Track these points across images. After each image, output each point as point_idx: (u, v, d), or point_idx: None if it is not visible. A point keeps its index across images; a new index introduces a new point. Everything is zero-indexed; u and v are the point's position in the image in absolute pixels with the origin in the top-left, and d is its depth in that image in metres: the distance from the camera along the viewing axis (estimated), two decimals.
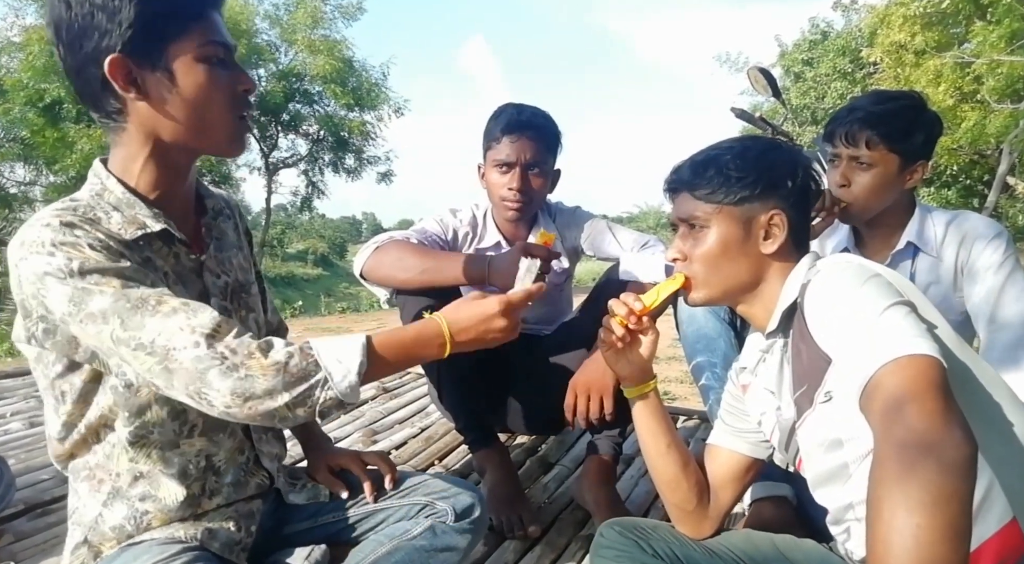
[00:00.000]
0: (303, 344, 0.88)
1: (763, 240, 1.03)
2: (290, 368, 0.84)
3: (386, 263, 1.60)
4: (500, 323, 0.99)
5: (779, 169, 1.04)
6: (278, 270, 23.82)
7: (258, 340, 0.86)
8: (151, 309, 0.83)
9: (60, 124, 13.28)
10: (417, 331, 0.97)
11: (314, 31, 15.79)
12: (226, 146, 0.96)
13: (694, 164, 1.07)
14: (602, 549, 1.12)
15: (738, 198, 1.02)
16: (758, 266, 1.05)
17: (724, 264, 1.04)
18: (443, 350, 0.97)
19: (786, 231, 1.03)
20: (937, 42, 7.88)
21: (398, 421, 2.41)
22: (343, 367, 0.87)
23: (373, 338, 0.92)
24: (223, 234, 1.10)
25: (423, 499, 1.14)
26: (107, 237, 0.88)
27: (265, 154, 17.26)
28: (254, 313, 1.12)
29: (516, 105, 1.77)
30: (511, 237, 1.83)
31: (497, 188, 1.73)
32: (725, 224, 1.03)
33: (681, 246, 1.08)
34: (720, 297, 1.07)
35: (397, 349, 0.94)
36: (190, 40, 0.89)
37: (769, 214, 1.02)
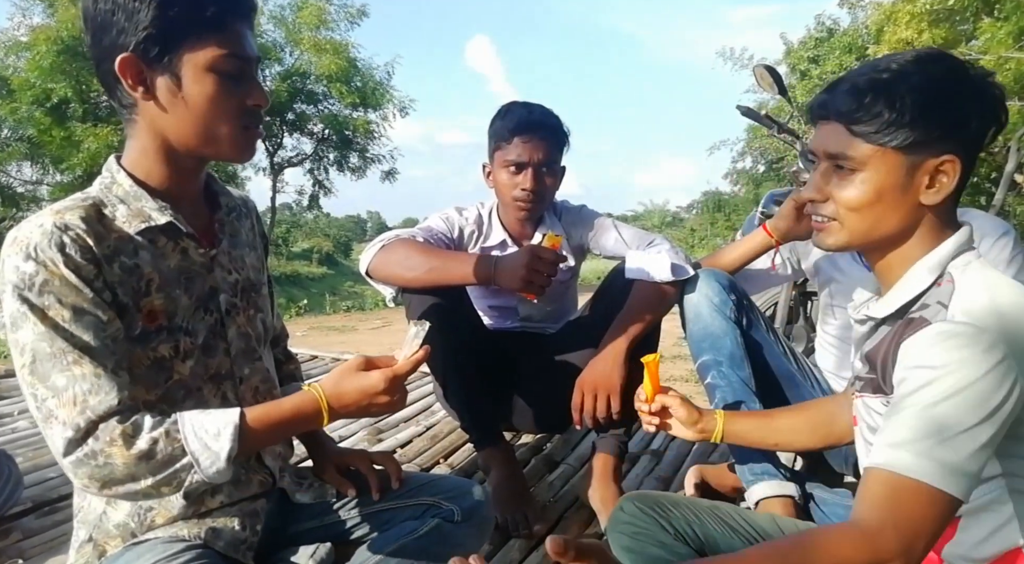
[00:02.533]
0: (171, 426, 0.87)
1: (925, 188, 0.87)
2: (155, 455, 0.85)
3: (392, 261, 1.60)
4: (383, 399, 0.96)
5: (967, 107, 0.85)
6: (283, 269, 23.86)
7: (124, 424, 0.85)
8: (64, 365, 0.84)
9: (67, 123, 13.33)
10: (294, 406, 0.95)
11: (319, 32, 15.80)
12: (232, 155, 0.97)
13: (857, 89, 0.87)
14: (621, 524, 1.10)
15: (910, 140, 0.85)
16: (912, 217, 0.89)
17: (873, 213, 0.89)
18: (321, 423, 0.96)
19: (957, 180, 0.86)
20: (944, 39, 7.83)
21: (403, 419, 2.41)
22: (211, 453, 0.87)
23: (248, 415, 0.91)
24: (237, 231, 1.10)
25: (429, 498, 1.14)
26: (97, 243, 0.88)
27: (270, 153, 17.28)
28: (262, 313, 1.12)
29: (524, 104, 1.76)
30: (517, 235, 1.82)
31: (508, 188, 1.73)
32: (884, 169, 0.87)
33: (821, 184, 0.92)
34: (858, 246, 0.94)
35: (272, 426, 0.93)
36: (204, 50, 0.89)
37: (941, 160, 0.85)
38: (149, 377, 0.94)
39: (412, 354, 1.00)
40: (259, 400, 1.08)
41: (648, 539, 1.07)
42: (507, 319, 1.92)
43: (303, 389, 0.97)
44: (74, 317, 0.85)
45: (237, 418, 0.89)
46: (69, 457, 0.84)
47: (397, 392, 0.98)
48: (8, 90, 13.39)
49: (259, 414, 0.92)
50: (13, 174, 15.23)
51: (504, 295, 1.85)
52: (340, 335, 8.18)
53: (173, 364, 0.96)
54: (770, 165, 18.45)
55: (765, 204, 3.04)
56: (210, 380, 1.00)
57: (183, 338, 0.97)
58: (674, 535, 1.07)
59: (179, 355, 0.96)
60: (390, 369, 0.97)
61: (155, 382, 0.94)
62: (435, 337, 1.57)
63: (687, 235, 27.53)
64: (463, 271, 1.52)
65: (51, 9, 13.80)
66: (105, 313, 0.87)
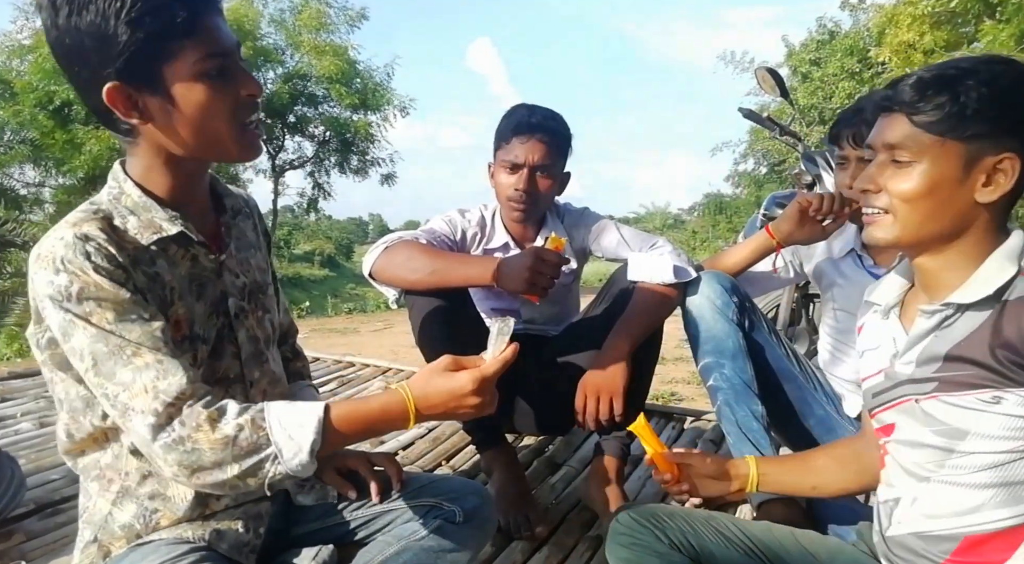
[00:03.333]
0: (256, 414, 0.87)
1: (982, 186, 0.87)
2: (239, 442, 0.85)
3: (395, 264, 1.60)
4: (473, 400, 0.93)
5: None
6: (285, 271, 23.89)
7: (210, 409, 0.85)
8: (125, 359, 0.85)
9: (69, 126, 13.36)
10: (381, 405, 0.93)
11: (319, 35, 15.85)
12: (239, 154, 0.96)
13: (922, 82, 0.88)
14: (617, 536, 1.10)
15: (970, 133, 0.86)
16: (966, 215, 0.89)
17: (927, 207, 0.89)
18: (407, 425, 0.94)
19: (1015, 180, 0.86)
20: (946, 41, 7.83)
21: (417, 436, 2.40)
22: (294, 444, 0.86)
23: (332, 410, 0.89)
24: (242, 234, 1.11)
25: (431, 500, 1.14)
26: (119, 251, 0.88)
27: (271, 156, 17.31)
28: (270, 314, 1.12)
29: (528, 106, 1.77)
30: (519, 238, 1.83)
31: (504, 188, 1.74)
32: (943, 161, 0.87)
33: (877, 176, 0.93)
34: (909, 243, 0.94)
35: (357, 423, 0.91)
36: (185, 59, 0.87)
37: (1000, 156, 0.86)
38: None
39: (500, 353, 0.97)
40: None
41: (644, 550, 1.08)
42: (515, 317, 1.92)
43: (390, 388, 0.95)
44: (117, 317, 0.85)
45: (322, 411, 0.88)
46: (157, 442, 0.84)
47: (487, 393, 0.95)
48: (11, 93, 13.44)
49: (345, 411, 0.90)
50: (16, 176, 15.25)
51: (506, 297, 1.85)
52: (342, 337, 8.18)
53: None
54: (772, 167, 18.45)
55: (767, 206, 3.04)
56: (217, 383, 1.00)
57: (200, 347, 0.97)
58: (669, 545, 1.07)
59: (196, 364, 0.96)
60: (478, 370, 0.94)
61: None
62: (438, 341, 1.60)
63: (688, 237, 27.50)
64: (466, 273, 1.52)
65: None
66: (146, 310, 0.88)
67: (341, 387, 2.85)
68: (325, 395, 2.72)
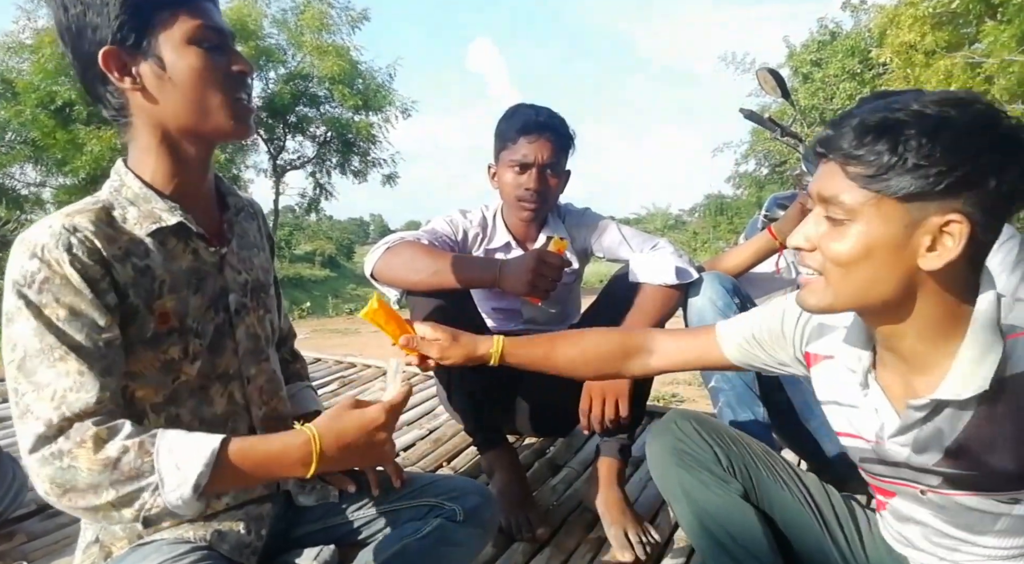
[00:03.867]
0: (147, 438, 0.82)
1: (925, 251, 0.75)
2: (121, 465, 0.80)
3: (397, 264, 1.60)
4: (382, 436, 0.92)
5: (986, 160, 0.72)
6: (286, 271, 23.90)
7: (100, 427, 0.81)
8: (50, 361, 0.83)
9: (71, 126, 13.37)
10: (283, 444, 0.87)
11: (321, 36, 15.86)
12: (230, 126, 0.96)
13: (864, 126, 0.76)
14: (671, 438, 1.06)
15: (911, 191, 0.73)
16: (909, 283, 0.78)
17: (864, 273, 0.79)
18: (307, 469, 0.87)
19: (963, 245, 0.74)
20: (947, 42, 7.82)
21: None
22: (180, 475, 0.81)
23: (231, 444, 0.84)
24: (245, 232, 1.11)
25: (432, 500, 1.14)
26: (108, 245, 0.88)
27: (272, 156, 17.31)
28: (270, 314, 1.12)
29: (530, 106, 1.78)
30: (521, 237, 1.83)
31: (512, 188, 1.74)
32: (879, 222, 0.76)
33: (812, 233, 0.83)
34: (843, 309, 0.85)
35: (253, 462, 0.85)
36: (178, 25, 0.90)
37: (946, 218, 0.74)
38: (157, 379, 0.94)
39: (398, 391, 0.97)
40: (265, 400, 1.09)
41: (696, 462, 1.03)
42: (511, 322, 1.92)
43: (297, 427, 0.90)
44: (69, 316, 0.84)
45: (217, 444, 0.83)
46: (35, 454, 0.80)
47: (392, 430, 0.94)
48: (13, 93, 13.45)
49: (243, 447, 0.85)
50: (17, 176, 15.27)
51: (508, 298, 1.85)
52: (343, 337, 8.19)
53: (181, 366, 0.96)
54: (773, 168, 18.46)
55: (768, 207, 3.04)
56: (217, 380, 1.01)
57: (192, 340, 0.97)
58: (726, 468, 1.02)
59: (187, 357, 0.96)
60: (387, 402, 0.93)
61: (162, 383, 0.95)
62: None
63: (689, 238, 27.49)
64: (468, 274, 1.52)
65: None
66: (103, 317, 0.86)
67: (343, 387, 2.85)
68: (327, 395, 2.72)
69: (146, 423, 0.94)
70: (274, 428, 1.10)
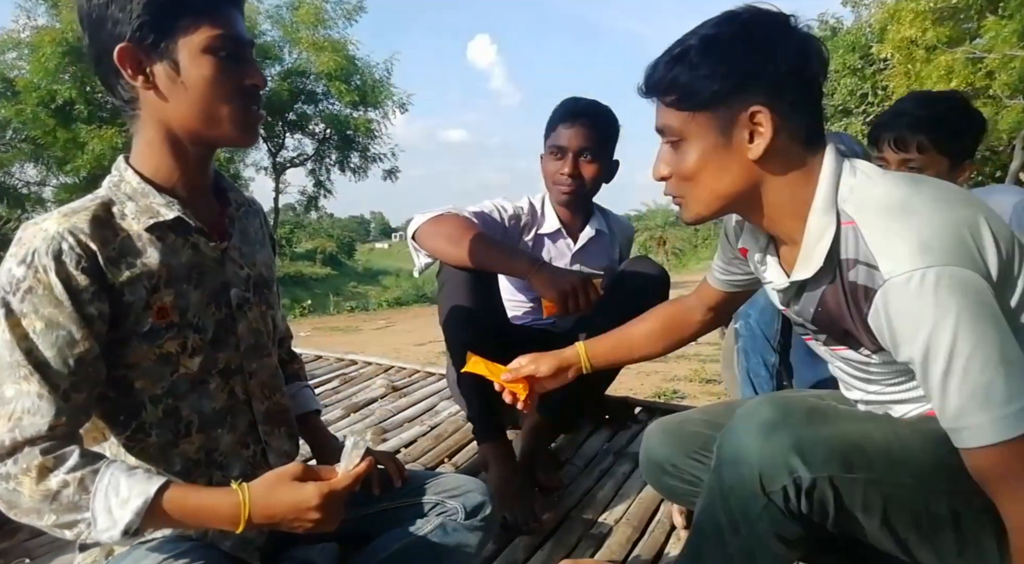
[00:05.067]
0: (88, 474, 0.84)
1: (748, 143, 0.88)
2: (60, 497, 0.83)
3: (441, 233, 1.65)
4: (314, 516, 0.89)
5: (756, 54, 0.86)
6: (287, 269, 23.94)
7: (47, 456, 0.83)
8: (15, 377, 0.84)
9: (71, 125, 13.39)
10: (214, 502, 0.88)
11: (316, 31, 15.85)
12: (236, 136, 0.96)
13: (665, 61, 0.91)
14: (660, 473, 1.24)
15: (710, 100, 0.87)
16: (750, 175, 0.90)
17: (708, 178, 0.92)
18: (236, 528, 0.88)
19: (772, 129, 0.86)
20: (948, 37, 7.81)
21: (407, 419, 2.41)
22: (110, 519, 0.83)
23: (168, 491, 0.85)
24: (247, 228, 1.11)
25: (433, 497, 1.14)
26: (102, 247, 0.88)
27: (272, 154, 17.34)
28: (272, 310, 1.12)
29: (575, 98, 1.86)
30: (568, 224, 1.92)
31: (551, 173, 1.84)
32: (701, 133, 0.90)
33: (665, 160, 0.96)
34: (712, 215, 0.97)
35: (185, 513, 0.86)
36: (199, 32, 0.90)
37: (750, 111, 0.86)
38: (154, 371, 0.94)
39: (353, 467, 0.93)
40: (267, 395, 1.09)
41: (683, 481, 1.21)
42: (532, 315, 1.96)
43: (232, 487, 0.89)
44: (45, 329, 0.84)
45: (152, 493, 0.84)
46: None
47: (331, 510, 0.90)
48: (13, 91, 13.45)
49: (178, 495, 0.86)
50: (17, 175, 15.29)
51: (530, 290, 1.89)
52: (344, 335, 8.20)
53: (179, 359, 0.96)
54: None
55: None
56: (219, 375, 1.01)
57: (192, 335, 0.97)
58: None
59: (186, 351, 0.96)
60: (326, 484, 0.90)
61: (160, 376, 0.95)
62: (463, 324, 1.65)
63: (690, 235, 27.48)
64: (510, 263, 1.60)
65: (55, 10, 13.85)
66: (80, 329, 0.86)
67: (343, 385, 2.85)
68: (328, 392, 2.73)
69: (144, 415, 0.94)
70: (277, 423, 1.10)
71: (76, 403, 0.87)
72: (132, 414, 0.95)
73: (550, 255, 1.91)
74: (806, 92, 0.89)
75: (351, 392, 2.76)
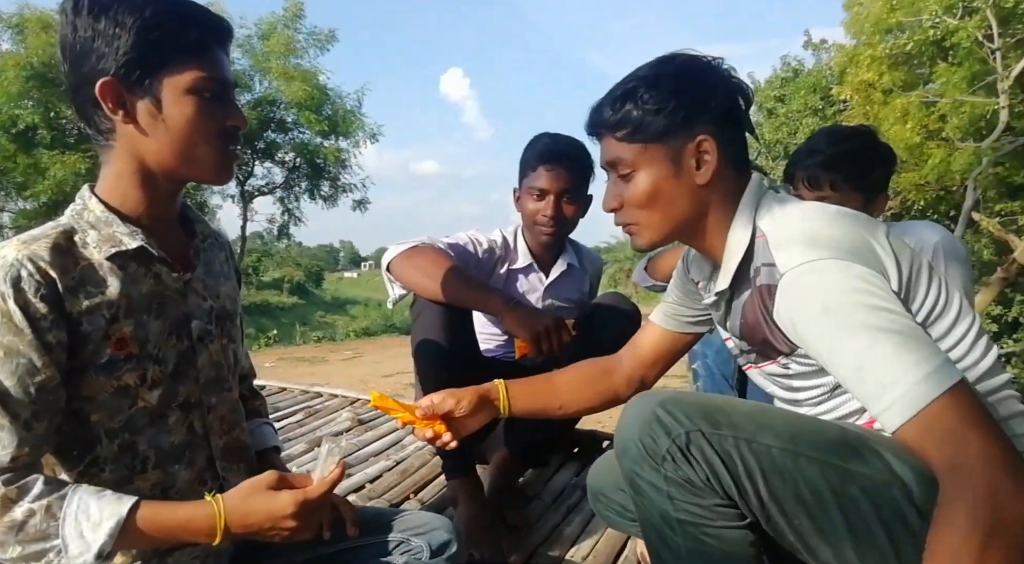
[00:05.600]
0: (55, 501, 0.83)
1: (696, 170, 0.96)
2: (27, 527, 0.82)
3: (416, 266, 1.64)
4: (290, 524, 0.90)
5: (698, 90, 0.95)
6: (253, 298, 23.55)
7: (9, 487, 0.82)
8: None
9: (33, 150, 13.12)
10: (188, 516, 0.88)
11: (288, 61, 15.88)
12: (212, 176, 0.97)
13: (611, 101, 0.98)
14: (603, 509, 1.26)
15: (660, 132, 0.95)
16: (697, 199, 0.98)
17: (660, 206, 0.98)
18: (213, 539, 0.88)
19: (717, 156, 0.95)
20: (904, 81, 8.14)
21: (373, 454, 2.36)
22: (83, 543, 0.82)
23: (140, 510, 0.85)
24: (212, 260, 1.09)
25: (398, 535, 1.11)
26: (62, 275, 0.86)
27: (241, 182, 17.19)
28: (234, 344, 1.10)
29: (552, 135, 1.86)
30: (540, 258, 1.92)
31: (532, 214, 1.83)
32: (653, 164, 0.96)
33: (615, 193, 1.02)
34: (665, 239, 1.02)
35: (159, 530, 0.86)
36: (184, 73, 0.90)
37: (696, 141, 0.95)
38: (111, 404, 0.91)
39: (328, 474, 0.94)
40: (226, 430, 1.06)
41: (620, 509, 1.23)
42: (505, 348, 1.96)
43: (207, 499, 0.89)
44: (5, 357, 0.83)
45: (124, 512, 0.84)
46: None
47: (307, 518, 0.91)
48: None
49: (150, 513, 0.86)
50: None
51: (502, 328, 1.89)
52: (310, 366, 8.06)
53: (138, 392, 0.93)
54: None
55: None
56: (178, 408, 0.98)
57: (152, 367, 0.94)
58: None
59: (145, 383, 0.94)
60: (301, 492, 0.91)
61: (118, 408, 0.92)
62: (436, 356, 1.63)
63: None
64: (483, 300, 1.59)
65: (20, 36, 13.68)
66: (41, 357, 0.84)
67: (308, 418, 2.79)
68: (292, 426, 2.66)
69: (99, 449, 0.91)
70: (236, 459, 1.07)
71: (38, 433, 0.85)
72: (86, 448, 0.91)
73: (523, 289, 1.92)
74: (739, 123, 0.99)
75: (316, 425, 2.70)
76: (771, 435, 0.86)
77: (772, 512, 0.87)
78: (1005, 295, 6.26)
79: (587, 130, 1.03)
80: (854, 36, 8.82)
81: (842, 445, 0.86)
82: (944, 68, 7.27)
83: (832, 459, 0.85)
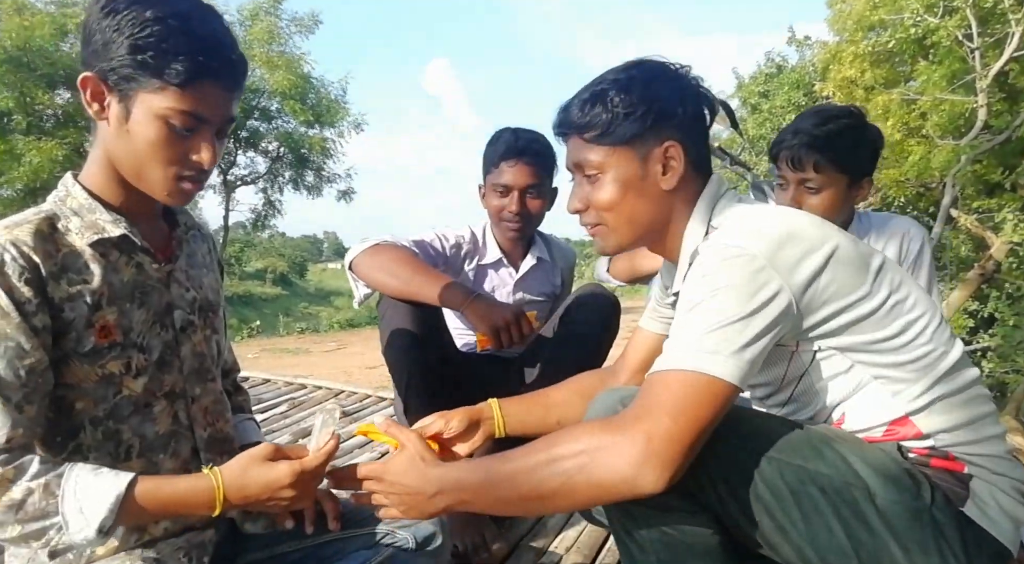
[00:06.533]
0: (53, 479, 0.84)
1: (662, 175, 0.97)
2: (26, 506, 0.82)
3: (377, 264, 1.62)
4: (288, 493, 0.92)
5: (668, 97, 0.96)
6: (235, 289, 23.34)
7: (7, 467, 0.82)
8: None
9: (8, 136, 12.86)
10: (188, 488, 0.90)
11: (271, 47, 15.67)
12: (159, 197, 0.95)
13: (581, 102, 0.99)
14: None
15: (630, 136, 0.95)
16: (662, 203, 0.99)
17: (627, 209, 0.98)
18: (213, 511, 0.90)
19: (683, 162, 0.96)
20: (885, 79, 8.21)
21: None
22: (83, 519, 0.83)
23: (138, 485, 0.86)
24: (195, 251, 1.09)
25: (384, 528, 1.12)
26: (45, 260, 0.86)
27: (223, 172, 16.97)
28: (218, 336, 1.10)
29: (513, 130, 1.83)
30: (510, 254, 1.91)
31: (497, 210, 1.82)
32: (621, 166, 0.97)
33: (579, 196, 1.02)
34: (631, 243, 1.02)
35: (159, 503, 0.88)
36: (161, 99, 0.88)
37: (664, 146, 0.96)
38: (95, 392, 0.92)
39: (323, 445, 0.96)
40: (210, 421, 1.06)
41: None
42: None
43: (204, 471, 0.91)
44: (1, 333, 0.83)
45: (124, 487, 0.84)
46: None
47: (304, 487, 0.94)
48: None
49: (150, 488, 0.87)
50: None
51: None
52: (294, 357, 8.01)
53: (123, 380, 0.93)
54: None
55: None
56: (163, 397, 0.98)
57: (136, 355, 0.94)
58: None
59: (130, 372, 0.94)
60: (298, 462, 0.93)
61: (103, 396, 0.92)
62: (404, 352, 1.62)
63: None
64: (443, 294, 1.55)
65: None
66: (28, 341, 0.84)
67: (292, 410, 2.78)
68: (276, 417, 2.66)
69: (82, 437, 0.92)
70: (220, 450, 1.07)
71: (29, 415, 0.85)
72: (69, 435, 0.92)
73: (492, 284, 1.91)
74: (703, 129, 1.01)
75: (300, 417, 2.69)
76: (730, 432, 0.88)
77: (732, 510, 0.89)
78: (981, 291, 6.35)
79: (554, 130, 1.03)
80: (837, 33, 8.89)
81: (803, 445, 0.88)
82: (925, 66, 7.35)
83: (791, 459, 0.86)
